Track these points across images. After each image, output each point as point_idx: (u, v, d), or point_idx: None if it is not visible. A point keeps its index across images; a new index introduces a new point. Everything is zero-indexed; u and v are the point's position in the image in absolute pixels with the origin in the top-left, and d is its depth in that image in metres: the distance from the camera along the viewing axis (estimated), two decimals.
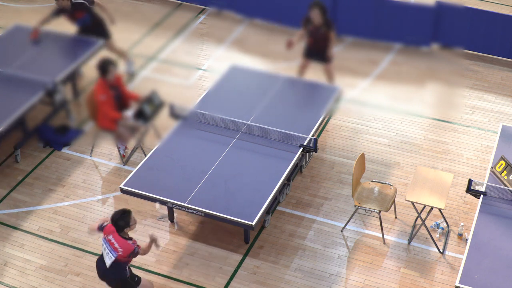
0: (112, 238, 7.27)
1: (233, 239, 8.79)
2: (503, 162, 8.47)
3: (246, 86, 10.33)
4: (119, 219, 7.21)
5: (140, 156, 9.96)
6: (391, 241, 8.77)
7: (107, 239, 7.30)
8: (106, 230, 7.36)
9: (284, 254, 8.61)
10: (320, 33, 10.38)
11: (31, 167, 9.89)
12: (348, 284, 8.26)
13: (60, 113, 10.67)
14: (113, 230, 7.29)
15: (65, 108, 10.67)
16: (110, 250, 7.25)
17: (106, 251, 7.30)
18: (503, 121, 10.55)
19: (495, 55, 12.11)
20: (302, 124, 9.46)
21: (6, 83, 10.18)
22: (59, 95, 10.15)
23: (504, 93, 11.35)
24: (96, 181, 9.69)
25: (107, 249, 7.28)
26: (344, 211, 9.17)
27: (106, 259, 7.32)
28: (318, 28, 10.36)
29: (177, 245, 8.70)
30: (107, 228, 7.36)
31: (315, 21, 10.30)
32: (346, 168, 9.83)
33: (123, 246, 7.24)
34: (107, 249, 7.28)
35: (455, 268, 8.39)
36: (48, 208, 9.27)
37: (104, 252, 7.35)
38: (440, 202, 8.27)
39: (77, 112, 10.83)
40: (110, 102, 9.43)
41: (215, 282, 8.26)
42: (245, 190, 8.51)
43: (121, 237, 7.27)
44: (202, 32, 12.89)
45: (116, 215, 7.24)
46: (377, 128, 10.58)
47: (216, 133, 9.33)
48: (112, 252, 7.24)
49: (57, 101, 10.19)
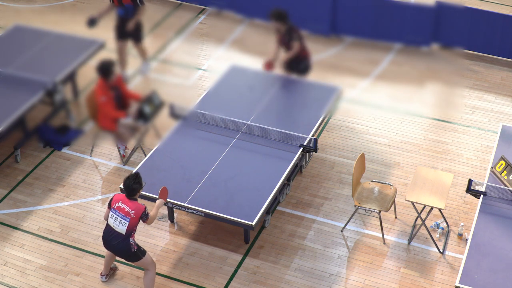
0: (121, 205, 7.49)
1: (233, 239, 8.79)
2: (503, 162, 8.47)
3: (246, 86, 10.33)
4: (134, 183, 7.47)
5: (140, 156, 9.96)
6: (391, 241, 8.77)
7: (115, 208, 7.51)
8: (114, 200, 7.57)
9: (284, 254, 8.61)
10: (286, 42, 10.20)
11: (31, 167, 9.89)
12: (348, 284, 8.26)
13: (60, 113, 10.67)
14: (121, 197, 7.52)
15: (65, 108, 10.67)
16: (122, 216, 7.48)
17: (117, 220, 7.49)
18: (503, 121, 10.55)
19: (495, 55, 12.11)
20: (302, 124, 9.46)
21: (6, 83, 10.18)
22: (59, 95, 10.15)
23: (504, 93, 11.35)
24: (96, 181, 9.69)
25: (118, 217, 7.48)
26: (344, 211, 9.17)
27: (119, 227, 7.50)
28: (283, 37, 10.18)
29: (177, 245, 8.70)
30: (115, 198, 7.58)
31: (279, 30, 10.14)
32: (346, 168, 9.83)
33: (134, 207, 7.47)
34: (119, 217, 7.47)
35: (455, 268, 8.39)
36: (48, 208, 9.27)
37: (114, 223, 7.52)
38: (440, 202, 8.27)
39: (77, 112, 10.83)
40: (111, 102, 9.43)
41: (215, 282, 8.26)
42: (245, 190, 8.51)
43: (130, 200, 7.50)
44: (202, 32, 12.89)
45: (130, 180, 7.47)
46: (377, 128, 10.58)
47: (216, 133, 9.33)
48: (125, 218, 7.45)
49: (57, 101, 10.19)
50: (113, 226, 7.55)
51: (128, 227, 7.48)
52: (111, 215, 7.57)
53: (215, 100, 9.99)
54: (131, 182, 7.48)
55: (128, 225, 7.47)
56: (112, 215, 7.56)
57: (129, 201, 7.52)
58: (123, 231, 7.50)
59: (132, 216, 7.46)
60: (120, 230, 7.51)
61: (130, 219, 7.46)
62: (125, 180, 7.52)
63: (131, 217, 7.46)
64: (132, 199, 7.54)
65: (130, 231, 7.52)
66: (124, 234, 7.51)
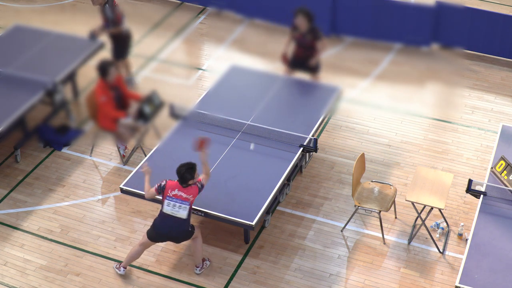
0: (178, 192, 7.74)
1: (233, 239, 8.79)
2: (503, 162, 8.47)
3: (246, 86, 10.33)
4: (185, 172, 7.68)
5: (140, 156, 9.96)
6: (391, 241, 8.77)
7: (172, 195, 7.74)
8: (169, 187, 7.77)
9: (284, 254, 8.61)
10: (306, 41, 10.18)
11: (31, 167, 9.89)
12: (348, 284, 8.26)
13: (60, 113, 10.67)
14: (176, 185, 7.77)
15: (65, 108, 10.67)
16: (181, 202, 7.74)
17: (176, 206, 7.73)
18: (503, 121, 10.55)
19: (495, 55, 12.11)
20: (302, 124, 9.47)
21: (6, 83, 10.18)
22: (59, 95, 10.15)
23: (504, 93, 11.35)
24: (96, 181, 9.69)
25: (177, 203, 7.72)
26: (344, 211, 9.17)
27: (180, 212, 7.75)
28: (303, 36, 10.17)
29: (177, 245, 8.70)
30: (169, 185, 7.77)
31: (300, 28, 10.12)
32: (346, 168, 9.83)
33: (191, 192, 7.76)
34: (177, 203, 7.74)
35: (455, 268, 8.39)
36: (48, 208, 9.27)
37: (173, 209, 7.74)
38: (440, 202, 8.27)
39: (77, 112, 10.83)
40: (110, 102, 9.43)
41: (215, 282, 8.26)
42: (245, 190, 8.51)
43: (185, 187, 7.76)
44: (202, 32, 12.89)
45: (182, 168, 7.68)
46: (377, 128, 10.58)
47: (216, 133, 9.33)
48: (184, 203, 7.73)
49: (57, 101, 10.19)
50: (172, 213, 7.78)
51: (188, 211, 7.76)
52: (167, 203, 7.78)
53: (215, 100, 9.99)
54: (183, 170, 7.69)
55: (188, 208, 7.75)
56: (169, 202, 7.78)
57: (184, 188, 7.75)
58: (184, 215, 7.77)
59: (191, 199, 7.76)
60: (180, 215, 7.77)
61: (189, 202, 7.76)
62: (178, 167, 7.73)
63: (190, 201, 7.76)
64: (187, 186, 7.75)
65: (190, 213, 7.81)
66: (186, 217, 7.78)
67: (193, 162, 7.79)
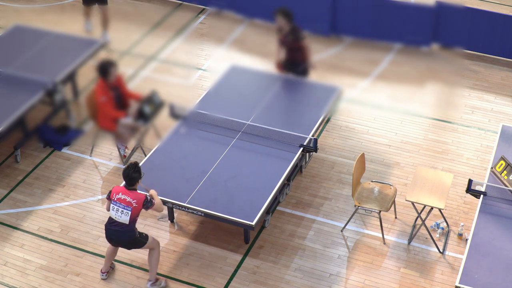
0: (121, 196, 7.56)
1: (233, 239, 8.79)
2: (503, 162, 8.47)
3: (246, 86, 10.33)
4: (134, 172, 7.56)
5: (140, 156, 9.96)
6: (391, 241, 8.77)
7: (116, 199, 7.57)
8: (114, 191, 7.63)
9: (284, 254, 8.61)
10: (289, 42, 10.10)
11: (31, 167, 9.89)
12: (348, 284, 8.26)
13: (60, 113, 10.66)
14: (121, 189, 7.58)
15: (65, 108, 10.67)
16: (124, 207, 7.55)
17: (119, 211, 7.56)
18: (503, 121, 10.55)
19: (495, 55, 12.10)
20: (302, 124, 9.47)
21: (6, 83, 10.18)
22: (59, 95, 10.15)
23: (504, 93, 11.35)
24: (96, 181, 9.69)
25: (120, 208, 7.55)
26: (344, 211, 9.17)
27: (122, 217, 7.57)
28: (286, 36, 10.09)
29: (177, 245, 8.70)
30: (114, 189, 7.64)
31: (282, 29, 10.08)
32: (346, 168, 9.83)
33: (135, 197, 7.56)
34: (120, 208, 7.54)
35: (455, 268, 8.39)
36: (48, 208, 9.27)
37: (116, 214, 7.59)
38: (440, 202, 8.27)
39: (77, 112, 10.83)
40: (110, 102, 9.43)
41: (215, 282, 8.26)
42: (245, 190, 8.51)
43: (130, 190, 7.57)
44: (202, 32, 12.89)
45: (129, 169, 7.55)
46: (377, 128, 10.58)
47: (216, 133, 9.33)
48: (127, 208, 7.52)
49: (57, 101, 10.19)
50: (115, 218, 7.63)
51: (131, 217, 7.57)
52: (112, 207, 7.65)
53: (215, 100, 9.99)
54: (131, 171, 7.55)
55: (130, 214, 7.56)
56: (113, 207, 7.63)
57: (129, 191, 7.59)
58: (127, 221, 7.59)
59: (134, 205, 7.54)
60: (123, 220, 7.59)
61: (132, 208, 7.54)
62: (124, 169, 7.60)
63: (133, 207, 7.54)
64: (132, 189, 7.60)
65: (133, 220, 7.62)
66: (128, 224, 7.61)
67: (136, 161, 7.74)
